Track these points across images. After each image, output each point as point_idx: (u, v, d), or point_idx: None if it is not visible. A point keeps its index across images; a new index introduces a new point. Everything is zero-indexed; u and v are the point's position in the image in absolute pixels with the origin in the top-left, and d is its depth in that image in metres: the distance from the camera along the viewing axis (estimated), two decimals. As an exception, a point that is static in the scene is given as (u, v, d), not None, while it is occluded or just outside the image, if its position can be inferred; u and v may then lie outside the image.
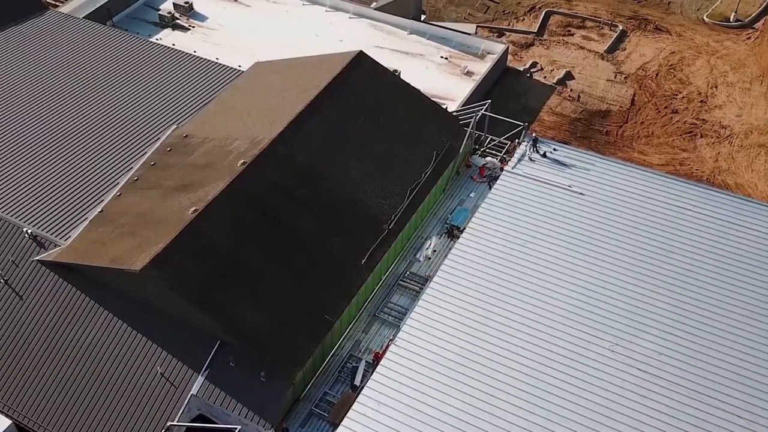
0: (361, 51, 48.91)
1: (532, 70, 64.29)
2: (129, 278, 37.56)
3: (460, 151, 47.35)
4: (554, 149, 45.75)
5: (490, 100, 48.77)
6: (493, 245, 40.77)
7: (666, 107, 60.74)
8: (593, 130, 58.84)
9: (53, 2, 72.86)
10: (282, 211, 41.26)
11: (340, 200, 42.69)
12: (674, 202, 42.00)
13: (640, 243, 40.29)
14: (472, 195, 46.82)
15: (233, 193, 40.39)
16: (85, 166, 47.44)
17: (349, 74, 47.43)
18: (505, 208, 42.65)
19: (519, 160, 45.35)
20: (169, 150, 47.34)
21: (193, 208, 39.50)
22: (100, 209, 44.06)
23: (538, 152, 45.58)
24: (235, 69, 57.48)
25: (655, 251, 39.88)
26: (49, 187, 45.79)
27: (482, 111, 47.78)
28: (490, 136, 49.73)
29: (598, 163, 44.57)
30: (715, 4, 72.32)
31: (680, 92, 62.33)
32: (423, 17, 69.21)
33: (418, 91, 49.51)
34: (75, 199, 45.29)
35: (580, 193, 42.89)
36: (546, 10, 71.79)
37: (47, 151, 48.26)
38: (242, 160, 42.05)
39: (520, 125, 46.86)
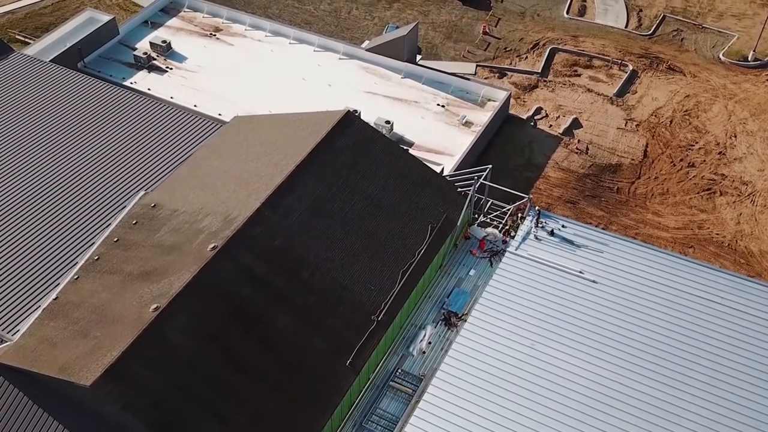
0: (349, 111, 44.26)
1: (536, 118, 59.56)
2: (80, 390, 32.81)
3: (458, 223, 42.65)
4: (563, 226, 41.05)
5: (490, 165, 43.97)
6: (498, 345, 36.03)
7: (681, 160, 56.03)
8: (603, 188, 54.08)
9: (24, 38, 68.18)
10: (256, 305, 36.49)
11: (322, 289, 37.94)
12: (700, 293, 37.29)
13: (663, 342, 35.59)
14: (471, 273, 42.02)
15: (200, 285, 35.64)
16: (41, 240, 42.82)
17: (334, 138, 42.75)
18: (509, 299, 37.92)
19: (523, 239, 40.63)
20: (135, 223, 42.59)
21: (155, 305, 34.74)
22: (54, 296, 39.33)
23: (544, 229, 40.89)
24: (214, 119, 53.02)
25: (679, 353, 35.19)
26: (-1, 266, 41.19)
27: (481, 180, 43.02)
28: (491, 200, 45.13)
29: (611, 243, 39.83)
30: (732, 41, 67.60)
31: (696, 142, 57.61)
32: (419, 57, 64.45)
33: (412, 155, 44.92)
34: (28, 281, 40.68)
35: (593, 281, 38.16)
36: (551, 47, 67.04)
37: None
38: (213, 244, 37.32)
39: (524, 197, 42.23)
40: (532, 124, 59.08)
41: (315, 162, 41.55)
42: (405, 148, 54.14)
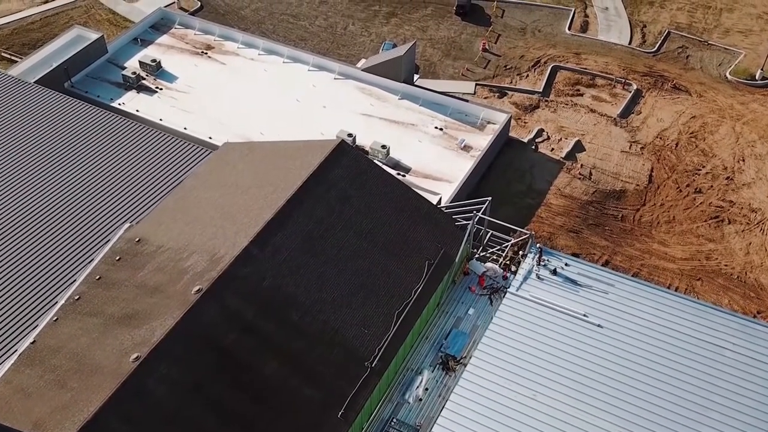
0: (342, 141, 42.42)
1: (537, 140, 57.68)
2: (54, 448, 31.00)
3: (456, 259, 40.77)
4: (566, 264, 39.15)
5: (490, 198, 42.09)
6: (498, 395, 34.11)
7: (688, 185, 54.14)
8: (607, 216, 52.19)
9: (10, 56, 66.35)
10: (242, 352, 34.60)
11: (312, 333, 36.05)
12: (709, 338, 35.41)
13: (670, 393, 33.69)
14: (470, 312, 40.14)
15: (184, 331, 33.79)
16: (20, 275, 41.05)
17: (327, 170, 40.87)
18: (510, 345, 36.01)
19: (525, 279, 38.74)
20: (118, 259, 40.73)
21: (135, 355, 32.87)
22: (32, 339, 37.48)
23: (546, 267, 39.01)
24: (204, 144, 51.21)
25: (687, 403, 33.30)
26: (-26, 307, 39.34)
27: (479, 214, 41.14)
28: (491, 231, 43.30)
29: (618, 284, 37.93)
30: (739, 59, 65.73)
31: (703, 166, 55.75)
32: (417, 76, 62.56)
33: (407, 186, 43.08)
34: (5, 322, 38.96)
35: (598, 325, 36.29)
36: (552, 65, 65.15)
37: (-22, 257, 41.84)
38: (198, 286, 35.44)
39: (526, 233, 40.37)
40: (533, 147, 57.20)
41: (306, 196, 39.68)
42: (402, 174, 52.41)
